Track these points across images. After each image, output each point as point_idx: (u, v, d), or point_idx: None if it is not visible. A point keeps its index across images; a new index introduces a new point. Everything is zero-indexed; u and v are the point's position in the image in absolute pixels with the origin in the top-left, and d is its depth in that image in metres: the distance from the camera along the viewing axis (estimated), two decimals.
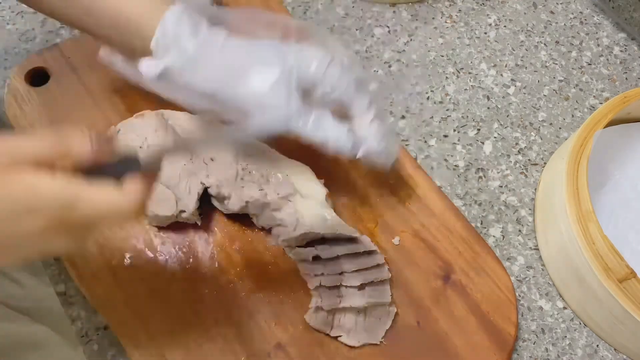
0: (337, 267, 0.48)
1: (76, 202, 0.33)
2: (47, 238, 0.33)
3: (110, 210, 0.34)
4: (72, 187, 0.33)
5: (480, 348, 0.48)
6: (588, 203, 0.49)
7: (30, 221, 0.32)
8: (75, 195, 0.33)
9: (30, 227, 0.32)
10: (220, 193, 0.51)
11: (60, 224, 0.33)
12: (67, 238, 0.34)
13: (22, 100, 0.59)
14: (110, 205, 0.34)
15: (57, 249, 0.35)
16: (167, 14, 0.43)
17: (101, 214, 0.34)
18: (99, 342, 0.50)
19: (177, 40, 0.43)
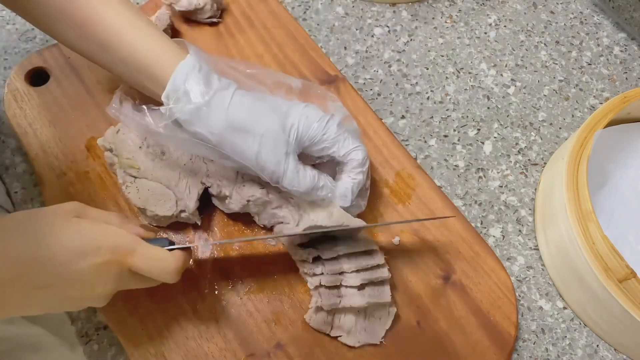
0: (337, 267, 0.48)
1: (134, 249, 0.41)
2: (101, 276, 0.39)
3: (158, 265, 0.42)
4: (133, 238, 0.41)
5: (480, 348, 0.48)
6: (588, 203, 0.49)
7: (95, 257, 0.39)
8: (135, 243, 0.41)
9: (92, 261, 0.39)
10: (222, 192, 0.51)
11: (115, 264, 0.40)
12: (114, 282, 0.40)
13: (22, 100, 0.59)
14: (161, 260, 0.42)
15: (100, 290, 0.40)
16: (178, 68, 0.45)
17: (151, 266, 0.42)
18: (99, 342, 0.50)
19: (187, 94, 0.44)
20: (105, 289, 0.40)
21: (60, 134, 0.57)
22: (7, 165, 0.59)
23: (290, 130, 0.46)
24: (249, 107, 0.46)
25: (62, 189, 0.54)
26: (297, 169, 0.46)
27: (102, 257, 0.39)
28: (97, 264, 0.39)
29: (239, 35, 0.64)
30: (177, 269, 0.43)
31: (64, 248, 0.38)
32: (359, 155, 0.48)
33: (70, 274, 0.38)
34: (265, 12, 0.66)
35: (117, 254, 0.40)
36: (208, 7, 0.63)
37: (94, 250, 0.39)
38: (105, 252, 0.39)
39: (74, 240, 0.39)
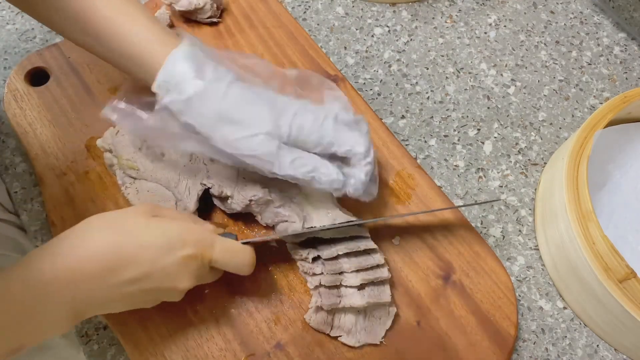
0: (337, 266, 0.48)
1: (214, 243, 0.43)
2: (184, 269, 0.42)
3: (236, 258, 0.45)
4: (213, 234, 0.44)
5: (480, 348, 0.48)
6: (588, 203, 0.49)
7: (180, 250, 0.41)
8: (213, 238, 0.44)
9: (177, 256, 0.41)
10: (223, 193, 0.51)
11: (198, 258, 0.42)
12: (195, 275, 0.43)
13: (22, 100, 0.59)
14: (239, 252, 0.45)
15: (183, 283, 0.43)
16: (170, 56, 0.44)
17: (230, 258, 0.44)
18: (99, 342, 0.50)
19: (178, 84, 0.44)
20: (188, 283, 0.43)
21: (60, 134, 0.57)
22: (7, 165, 0.59)
23: (283, 130, 0.45)
24: (243, 99, 0.45)
25: (62, 189, 0.54)
26: (293, 158, 0.45)
27: (187, 251, 0.41)
28: (183, 257, 0.41)
29: (239, 35, 0.64)
30: (253, 261, 0.45)
31: (151, 244, 0.41)
32: (361, 148, 0.46)
33: (159, 268, 0.41)
34: (265, 12, 0.66)
35: (199, 248, 0.42)
36: (208, 7, 0.63)
37: (179, 246, 0.41)
38: (189, 247, 0.42)
39: (160, 237, 0.41)
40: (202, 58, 0.45)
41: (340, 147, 0.46)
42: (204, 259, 0.43)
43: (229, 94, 0.45)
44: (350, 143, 0.46)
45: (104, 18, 0.45)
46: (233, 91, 0.45)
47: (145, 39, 0.45)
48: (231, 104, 0.45)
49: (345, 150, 0.46)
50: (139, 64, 0.46)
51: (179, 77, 0.44)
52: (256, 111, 0.45)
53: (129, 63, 0.47)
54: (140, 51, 0.45)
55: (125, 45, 0.45)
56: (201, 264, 0.43)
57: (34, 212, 0.56)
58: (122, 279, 0.40)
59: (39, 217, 0.56)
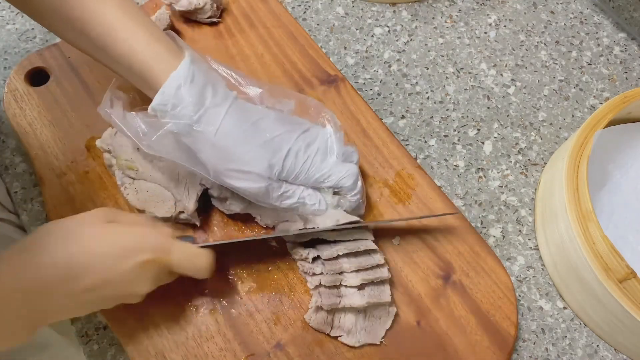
0: (337, 266, 0.48)
1: (171, 248, 0.43)
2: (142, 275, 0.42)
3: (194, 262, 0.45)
4: (168, 237, 0.44)
5: (480, 348, 0.48)
6: (588, 203, 0.49)
7: (136, 257, 0.41)
8: (170, 242, 0.44)
9: (135, 261, 0.41)
10: (222, 194, 0.51)
11: (155, 263, 0.42)
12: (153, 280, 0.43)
13: (22, 100, 0.59)
14: (197, 256, 0.45)
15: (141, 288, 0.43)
16: (169, 79, 0.44)
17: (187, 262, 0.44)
18: (99, 342, 0.50)
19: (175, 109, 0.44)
20: (146, 287, 0.43)
21: (60, 134, 0.57)
22: (7, 165, 0.59)
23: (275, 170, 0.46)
24: (238, 135, 0.45)
25: (62, 189, 0.54)
26: (280, 194, 0.47)
27: (144, 257, 0.41)
28: (140, 264, 0.41)
29: (239, 35, 0.64)
30: (211, 265, 0.45)
31: (107, 253, 0.41)
32: (348, 182, 0.49)
33: (116, 276, 0.41)
34: (265, 12, 0.66)
35: (157, 253, 0.42)
36: (208, 7, 0.63)
37: (135, 252, 0.41)
38: (146, 253, 0.42)
39: (116, 244, 0.41)
40: (201, 80, 0.45)
41: (329, 182, 0.48)
42: (161, 263, 0.43)
43: (224, 127, 0.45)
44: (338, 177, 0.48)
45: (104, 25, 0.45)
46: (229, 123, 0.45)
47: (147, 52, 0.44)
48: (225, 139, 0.45)
49: (333, 184, 0.49)
50: (139, 78, 0.45)
51: (176, 103, 0.44)
52: (250, 149, 0.46)
53: (129, 75, 0.46)
54: (141, 65, 0.45)
55: (126, 56, 0.45)
56: (159, 269, 0.43)
57: (34, 212, 0.56)
58: (79, 289, 0.40)
59: (39, 217, 0.56)
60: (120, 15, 0.45)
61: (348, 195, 0.49)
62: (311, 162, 0.48)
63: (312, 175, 0.48)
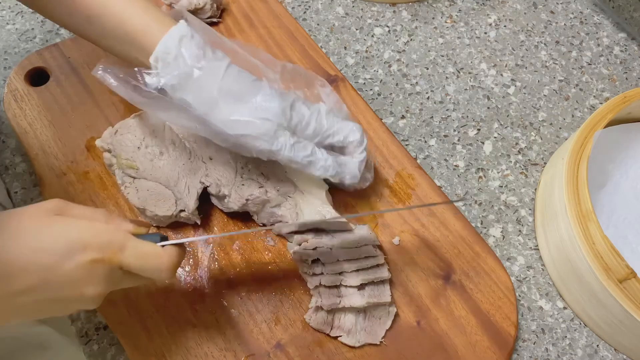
0: (337, 267, 0.48)
1: (124, 246, 0.38)
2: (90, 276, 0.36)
3: (151, 262, 0.39)
4: (122, 234, 0.38)
5: (480, 348, 0.48)
6: (588, 203, 0.49)
7: (82, 255, 0.36)
8: (124, 240, 0.38)
9: (80, 261, 0.36)
10: (221, 192, 0.51)
11: (105, 263, 0.37)
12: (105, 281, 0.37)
13: (22, 100, 0.59)
14: (153, 256, 0.39)
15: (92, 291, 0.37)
16: (171, 31, 0.44)
17: (143, 263, 0.38)
18: (99, 342, 0.50)
19: (178, 58, 0.43)
20: (96, 290, 0.37)
21: (60, 134, 0.57)
22: (7, 165, 0.59)
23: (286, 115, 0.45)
24: (244, 80, 0.45)
25: (62, 189, 0.54)
26: (293, 142, 0.46)
27: (89, 256, 0.36)
28: (85, 263, 0.36)
29: (239, 35, 0.64)
30: (171, 265, 0.39)
31: (47, 249, 0.35)
32: (356, 135, 0.48)
33: (57, 276, 0.36)
34: (265, 12, 0.66)
35: (105, 252, 0.37)
36: (208, 7, 0.63)
37: (80, 249, 0.36)
38: (92, 250, 0.36)
39: (58, 240, 0.36)
40: (200, 39, 0.45)
41: (337, 136, 0.48)
42: (111, 263, 0.37)
43: (230, 74, 0.44)
44: (345, 132, 0.48)
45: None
46: (233, 71, 0.45)
47: (142, 18, 0.44)
48: (232, 82, 0.44)
49: (341, 138, 0.48)
50: (135, 44, 0.44)
51: (180, 50, 0.43)
52: (259, 94, 0.45)
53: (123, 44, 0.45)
54: (137, 31, 0.44)
55: (120, 25, 0.44)
56: (110, 270, 0.37)
57: None
58: (13, 289, 0.34)
59: None
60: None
61: (355, 153, 0.49)
62: (318, 113, 0.47)
63: (321, 128, 0.47)
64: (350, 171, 0.48)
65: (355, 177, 0.49)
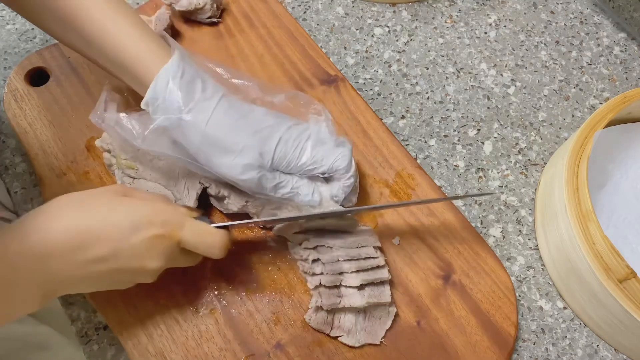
0: (337, 267, 0.48)
1: (184, 224, 0.43)
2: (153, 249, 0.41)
3: (207, 240, 0.44)
4: (182, 213, 0.44)
5: (480, 348, 0.48)
6: (588, 203, 0.49)
7: (147, 230, 0.41)
8: (183, 219, 0.43)
9: (144, 235, 0.41)
10: (220, 193, 0.51)
11: (167, 238, 0.42)
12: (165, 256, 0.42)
13: (22, 100, 0.59)
14: (209, 234, 0.44)
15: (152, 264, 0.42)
16: (160, 74, 0.44)
17: (200, 240, 0.44)
18: (99, 342, 0.50)
19: (166, 103, 0.44)
20: (157, 263, 0.42)
21: (60, 134, 0.57)
22: (7, 165, 0.59)
23: (266, 158, 0.46)
24: (229, 125, 0.45)
25: (62, 189, 0.54)
26: (274, 184, 0.47)
27: (154, 231, 0.41)
28: (150, 237, 0.41)
29: (239, 35, 0.64)
30: (224, 243, 0.45)
31: (118, 223, 0.40)
32: (342, 163, 0.48)
33: (125, 248, 0.40)
34: (265, 12, 0.66)
35: (168, 228, 0.42)
36: (208, 7, 0.63)
37: (146, 225, 0.41)
38: (157, 226, 0.41)
39: (128, 216, 0.41)
40: (191, 75, 0.45)
41: (321, 168, 0.48)
42: (172, 239, 0.42)
43: (215, 118, 0.45)
44: (331, 161, 0.48)
45: (93, 21, 0.45)
46: (219, 114, 0.45)
47: (136, 49, 0.45)
48: (216, 129, 0.45)
49: (326, 170, 0.48)
50: (130, 74, 0.46)
51: (167, 99, 0.44)
52: (241, 137, 0.46)
53: (119, 71, 0.47)
54: (131, 61, 0.45)
55: (116, 53, 0.45)
56: (170, 245, 0.42)
57: None
58: (89, 257, 0.39)
59: None
60: (110, 12, 0.45)
61: (343, 180, 0.49)
62: (302, 148, 0.47)
63: (305, 163, 0.47)
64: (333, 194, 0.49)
65: (338, 200, 0.50)
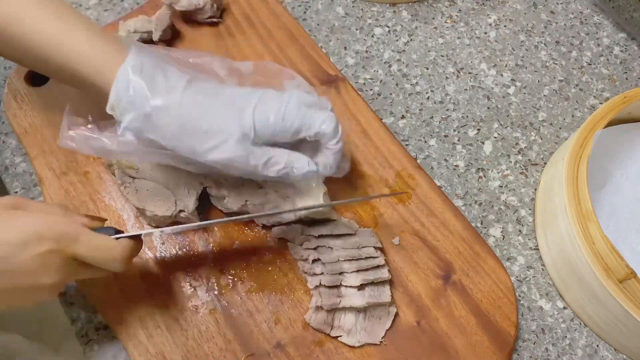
0: (337, 267, 0.48)
1: (78, 237, 0.40)
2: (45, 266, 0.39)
3: (104, 253, 0.41)
4: (76, 226, 0.40)
5: (480, 348, 0.48)
6: (588, 203, 0.49)
7: (37, 246, 0.38)
8: (78, 232, 0.40)
9: (35, 251, 0.38)
10: (220, 192, 0.51)
11: (59, 253, 0.39)
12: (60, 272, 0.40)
13: (22, 100, 0.59)
14: (106, 248, 0.41)
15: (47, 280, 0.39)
16: (119, 74, 0.42)
17: (96, 254, 0.41)
18: (99, 342, 0.50)
19: (132, 102, 0.42)
20: (52, 279, 0.39)
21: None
22: (7, 165, 0.59)
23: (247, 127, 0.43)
24: (200, 106, 0.43)
25: (62, 189, 0.54)
26: (265, 160, 0.44)
27: (44, 247, 0.38)
28: (40, 254, 0.38)
29: (239, 35, 0.64)
30: (124, 257, 0.42)
31: (5, 240, 0.38)
32: (329, 127, 0.45)
33: (12, 266, 0.38)
34: (265, 12, 0.66)
35: (60, 243, 0.39)
36: (208, 7, 0.63)
37: (36, 241, 0.38)
38: (48, 242, 0.38)
39: (16, 232, 0.38)
40: (151, 68, 0.43)
41: (309, 130, 0.45)
42: (65, 253, 0.40)
43: (185, 103, 0.42)
44: (317, 124, 0.45)
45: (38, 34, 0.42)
46: (188, 98, 0.43)
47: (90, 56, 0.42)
48: (190, 113, 0.43)
49: (314, 132, 0.45)
50: (88, 84, 0.43)
51: (132, 95, 0.42)
52: (217, 115, 0.43)
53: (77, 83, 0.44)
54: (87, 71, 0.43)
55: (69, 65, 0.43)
56: (63, 260, 0.40)
57: None
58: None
59: None
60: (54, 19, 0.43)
61: (330, 144, 0.46)
62: (284, 111, 0.44)
63: (289, 126, 0.44)
64: (325, 164, 0.47)
65: (331, 169, 0.47)
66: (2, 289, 0.38)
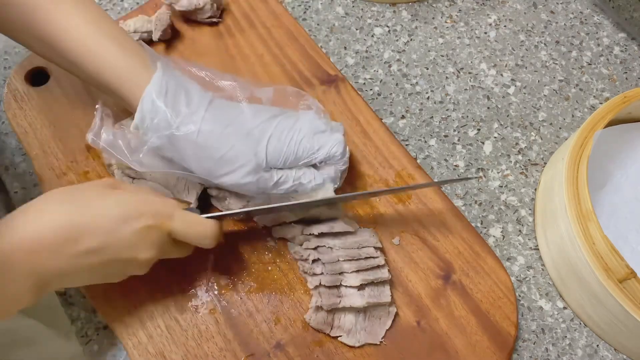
0: (337, 266, 0.48)
1: (173, 214, 0.43)
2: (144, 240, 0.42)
3: (197, 230, 0.44)
4: (173, 205, 0.44)
5: (480, 348, 0.48)
6: (588, 203, 0.49)
7: (137, 221, 0.42)
8: (173, 209, 0.44)
9: (134, 226, 0.41)
10: (221, 193, 0.51)
11: (157, 229, 0.42)
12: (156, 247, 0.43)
13: (22, 100, 0.59)
14: (199, 224, 0.44)
15: (144, 255, 0.43)
16: (144, 95, 0.44)
17: (190, 230, 0.44)
18: (99, 342, 0.50)
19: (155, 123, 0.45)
20: (148, 254, 0.43)
21: (60, 134, 0.57)
22: (7, 165, 0.59)
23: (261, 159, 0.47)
24: (219, 134, 0.46)
25: None
26: (274, 181, 0.48)
27: (144, 222, 0.42)
28: (140, 228, 0.41)
29: (239, 35, 0.64)
30: (214, 233, 0.45)
31: (108, 215, 0.41)
32: (337, 151, 0.48)
33: (116, 239, 0.41)
34: (265, 12, 0.66)
35: (158, 219, 0.42)
36: (208, 7, 0.63)
37: (136, 216, 0.41)
38: (146, 218, 0.42)
39: (118, 207, 0.41)
40: (175, 88, 0.45)
41: (319, 156, 0.48)
42: (162, 229, 0.43)
43: (204, 131, 0.45)
44: (326, 150, 0.48)
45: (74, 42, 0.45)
46: (207, 126, 0.46)
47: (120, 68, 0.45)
48: (207, 140, 0.45)
49: (323, 158, 0.48)
50: (116, 95, 0.46)
51: (155, 117, 0.44)
52: (233, 145, 0.46)
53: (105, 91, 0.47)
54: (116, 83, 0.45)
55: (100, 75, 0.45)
56: (160, 235, 0.43)
57: None
58: (80, 250, 0.40)
59: None
60: (92, 30, 0.45)
61: (338, 165, 0.50)
62: (296, 141, 0.47)
63: (301, 155, 0.48)
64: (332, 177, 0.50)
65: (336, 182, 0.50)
66: (104, 262, 0.41)
